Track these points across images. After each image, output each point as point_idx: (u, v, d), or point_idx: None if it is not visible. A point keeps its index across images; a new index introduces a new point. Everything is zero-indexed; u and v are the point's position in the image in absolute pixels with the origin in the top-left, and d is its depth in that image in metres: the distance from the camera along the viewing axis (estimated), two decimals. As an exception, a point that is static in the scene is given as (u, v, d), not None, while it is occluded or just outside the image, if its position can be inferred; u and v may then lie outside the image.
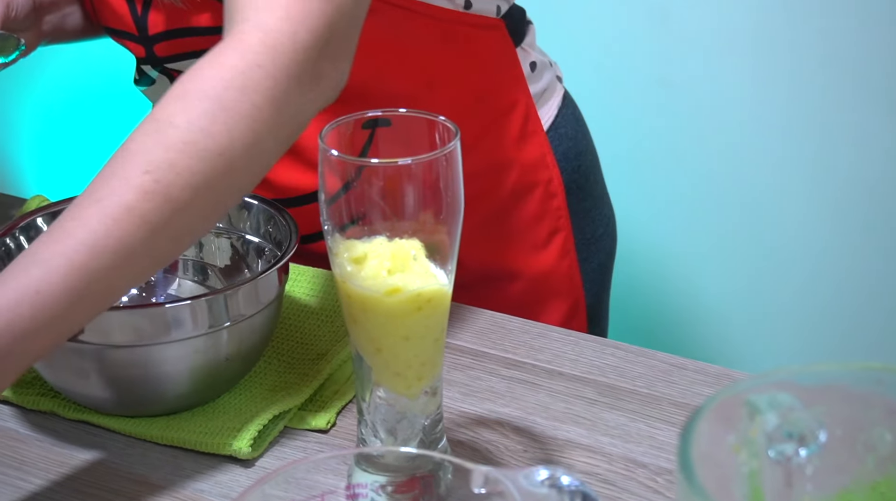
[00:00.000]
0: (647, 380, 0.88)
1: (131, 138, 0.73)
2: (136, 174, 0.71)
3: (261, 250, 0.90)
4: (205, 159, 0.72)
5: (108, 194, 0.71)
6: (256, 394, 0.85)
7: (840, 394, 0.51)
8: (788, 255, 1.69)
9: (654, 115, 1.69)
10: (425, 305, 0.72)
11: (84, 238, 0.70)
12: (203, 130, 0.72)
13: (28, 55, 1.00)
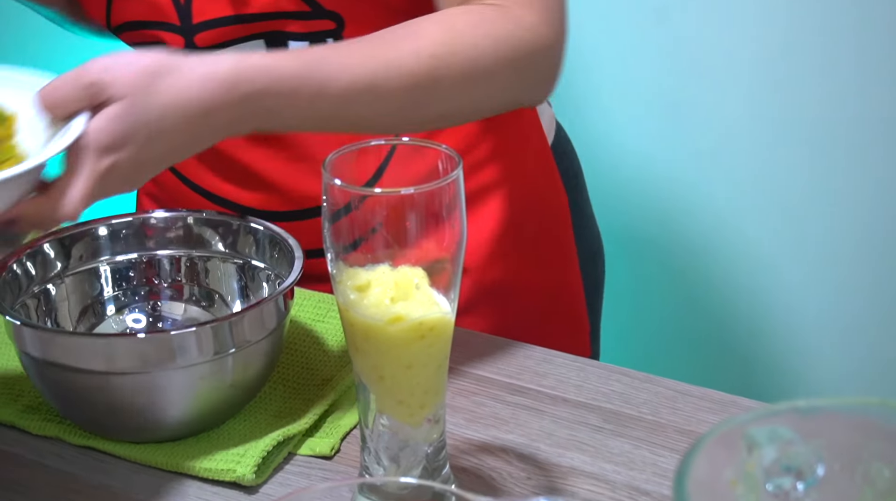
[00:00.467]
0: (652, 407, 0.88)
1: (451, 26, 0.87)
2: (427, 53, 0.86)
3: (266, 275, 0.90)
4: (467, 69, 0.87)
5: (395, 53, 0.85)
6: (261, 420, 0.85)
7: (839, 428, 0.51)
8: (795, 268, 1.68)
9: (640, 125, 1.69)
10: (428, 333, 0.72)
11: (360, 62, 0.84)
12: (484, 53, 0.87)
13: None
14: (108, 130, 0.76)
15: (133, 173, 0.79)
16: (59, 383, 0.81)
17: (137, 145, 0.77)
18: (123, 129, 0.76)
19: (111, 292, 0.92)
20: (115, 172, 0.77)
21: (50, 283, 0.89)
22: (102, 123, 0.76)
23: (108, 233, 0.91)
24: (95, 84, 0.76)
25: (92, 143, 0.76)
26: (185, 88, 0.78)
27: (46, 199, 0.76)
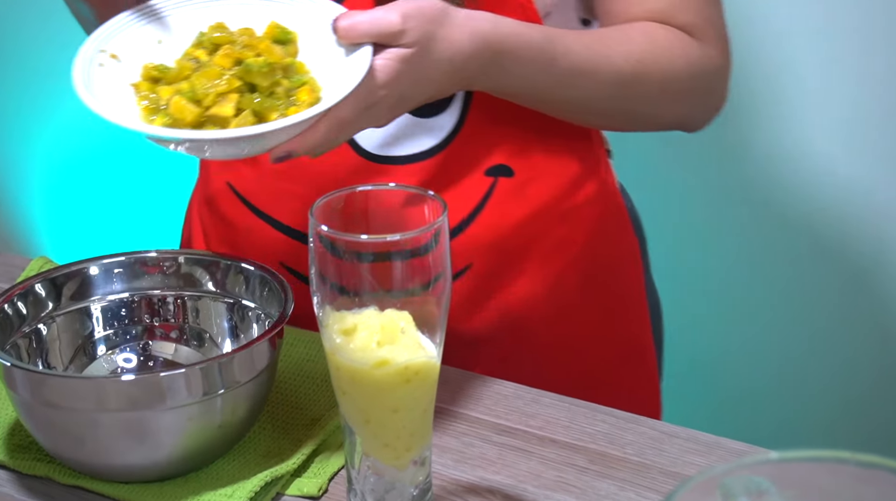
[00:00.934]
0: (638, 448, 0.88)
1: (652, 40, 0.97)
2: (634, 57, 0.96)
3: (257, 315, 0.91)
4: (662, 78, 0.97)
5: (609, 50, 0.95)
6: (250, 460, 0.86)
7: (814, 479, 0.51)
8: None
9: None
10: (413, 377, 0.72)
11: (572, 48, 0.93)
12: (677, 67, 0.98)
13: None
14: (392, 70, 0.82)
15: (388, 112, 0.84)
16: (49, 423, 0.81)
17: (408, 86, 0.84)
18: (404, 71, 0.82)
19: (102, 331, 0.92)
20: (378, 106, 0.83)
21: (41, 322, 0.90)
22: (391, 62, 0.82)
23: (100, 272, 0.92)
24: (395, 29, 0.82)
25: (371, 79, 0.81)
26: (458, 41, 0.86)
27: (316, 130, 0.80)
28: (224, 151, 0.81)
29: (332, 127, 0.80)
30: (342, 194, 0.74)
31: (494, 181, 1.01)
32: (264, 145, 0.79)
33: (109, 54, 0.83)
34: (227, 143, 0.78)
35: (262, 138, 0.78)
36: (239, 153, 0.82)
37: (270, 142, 0.79)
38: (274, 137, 0.78)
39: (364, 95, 0.81)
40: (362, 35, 0.81)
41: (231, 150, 0.80)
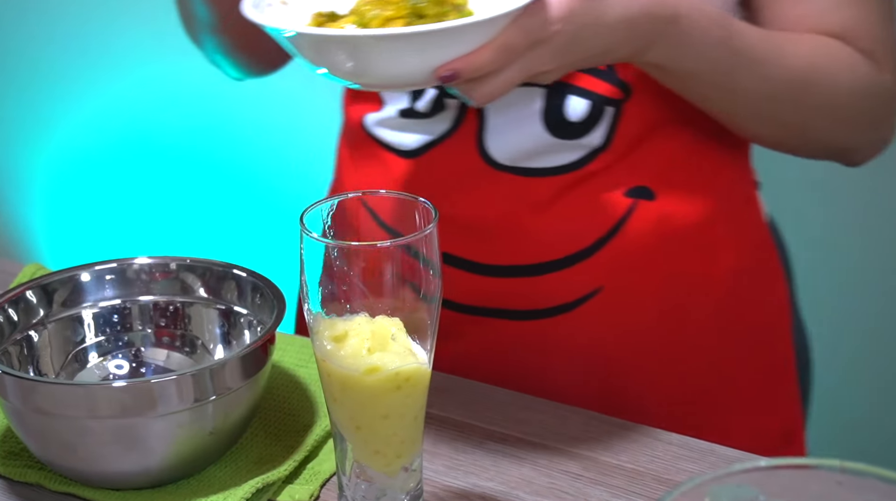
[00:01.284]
0: (631, 455, 0.88)
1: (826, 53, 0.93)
2: (807, 60, 0.92)
3: (249, 321, 0.91)
4: (829, 90, 0.93)
5: (784, 48, 0.92)
6: (241, 467, 0.85)
7: (802, 487, 0.51)
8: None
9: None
10: (404, 383, 0.72)
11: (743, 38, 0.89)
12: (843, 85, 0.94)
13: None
14: (564, 3, 0.78)
15: (558, 55, 0.80)
16: (40, 430, 0.81)
17: (579, 26, 0.79)
18: (576, 6, 0.79)
19: (94, 338, 0.92)
20: (548, 45, 0.79)
21: (32, 329, 0.89)
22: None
23: (91, 279, 0.92)
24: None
25: (542, 9, 0.78)
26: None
27: (484, 50, 0.77)
28: (388, 64, 0.76)
29: (499, 52, 0.76)
30: (333, 200, 0.74)
31: (634, 203, 0.98)
32: (431, 57, 0.75)
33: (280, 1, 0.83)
34: (391, 48, 0.75)
35: (428, 42, 0.74)
36: (403, 72, 0.77)
37: (437, 51, 0.75)
38: (440, 42, 0.75)
39: (535, 25, 0.77)
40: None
41: (395, 60, 0.76)
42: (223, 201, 2.23)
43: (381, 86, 0.83)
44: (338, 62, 0.77)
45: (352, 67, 0.77)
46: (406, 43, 0.75)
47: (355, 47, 0.76)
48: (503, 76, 0.78)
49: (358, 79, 0.79)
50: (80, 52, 2.25)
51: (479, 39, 0.76)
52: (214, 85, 2.16)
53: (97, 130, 2.30)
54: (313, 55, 0.78)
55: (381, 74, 0.78)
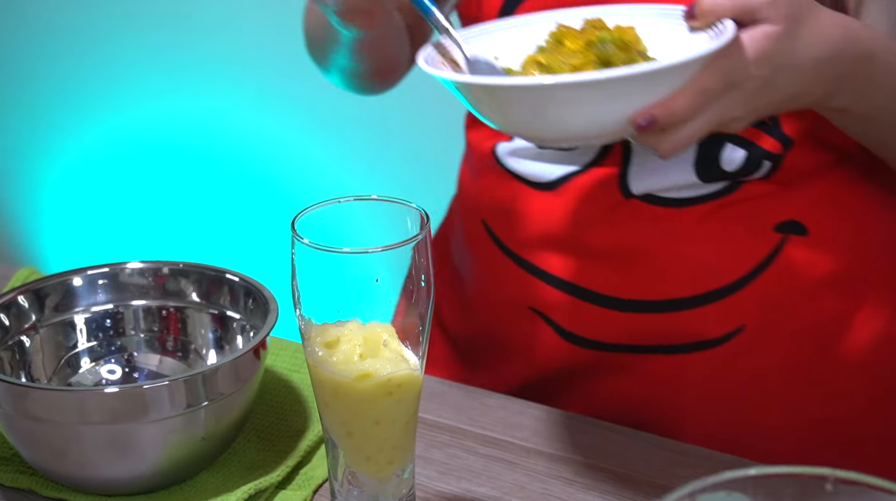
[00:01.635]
0: (625, 460, 0.88)
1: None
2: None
3: (241, 326, 0.91)
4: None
5: None
6: (234, 472, 0.85)
7: (793, 497, 0.51)
8: None
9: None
10: (396, 390, 0.72)
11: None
12: None
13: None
14: (759, 45, 0.75)
15: (751, 100, 0.77)
16: (32, 436, 0.81)
17: (772, 69, 0.77)
18: (771, 48, 0.76)
19: (86, 343, 0.92)
20: (742, 89, 0.76)
21: (24, 334, 0.89)
22: (759, 37, 0.76)
23: (84, 283, 0.92)
24: (760, 6, 0.76)
25: (737, 51, 0.75)
26: (826, 29, 0.79)
27: (681, 94, 0.73)
28: (582, 114, 0.72)
29: (696, 96, 0.73)
30: (324, 205, 0.74)
31: (784, 239, 0.93)
32: (627, 103, 0.71)
33: (449, 59, 0.80)
34: (591, 94, 0.70)
35: (629, 87, 0.70)
36: (594, 121, 0.73)
37: (635, 96, 0.71)
38: (640, 87, 0.71)
39: (730, 68, 0.74)
40: (729, 6, 0.75)
41: (590, 108, 0.71)
42: (216, 205, 2.23)
43: (565, 139, 0.77)
44: (524, 113, 0.73)
45: (540, 119, 0.72)
46: (608, 88, 0.70)
47: (550, 96, 0.70)
48: (695, 124, 0.74)
49: (544, 132, 0.74)
50: (78, 58, 2.25)
51: (676, 84, 0.72)
52: (210, 90, 2.16)
53: (92, 134, 2.29)
54: (499, 107, 0.73)
55: (571, 125, 0.73)
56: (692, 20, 0.77)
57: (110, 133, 2.27)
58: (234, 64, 2.09)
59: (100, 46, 2.22)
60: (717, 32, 0.75)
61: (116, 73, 2.21)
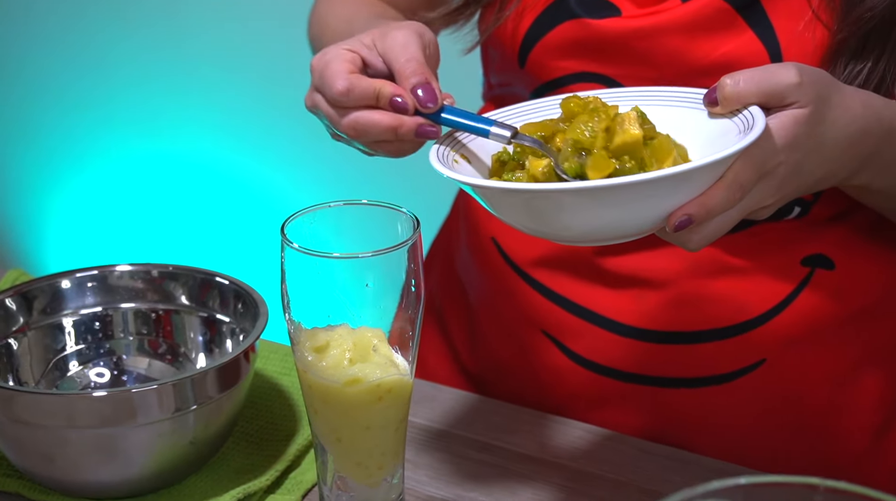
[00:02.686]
0: (615, 466, 0.87)
1: None
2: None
3: (231, 329, 0.90)
4: None
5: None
6: (222, 476, 0.85)
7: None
8: None
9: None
10: (386, 395, 0.72)
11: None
12: None
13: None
14: (788, 132, 0.73)
15: (782, 187, 0.75)
16: (19, 439, 0.80)
17: (802, 153, 0.74)
18: (801, 132, 0.74)
19: (74, 346, 0.91)
20: (773, 177, 0.73)
21: (12, 337, 0.89)
22: (787, 123, 0.73)
23: (72, 286, 0.91)
24: (792, 81, 0.73)
25: (768, 139, 0.72)
26: (852, 109, 0.77)
27: (716, 190, 0.70)
28: (614, 216, 0.68)
29: (731, 190, 0.70)
30: (314, 209, 0.73)
31: (811, 272, 0.92)
32: (661, 204, 0.68)
33: (460, 155, 0.76)
34: (613, 199, 0.67)
35: (664, 187, 0.67)
36: (627, 222, 0.69)
37: (669, 197, 0.68)
38: (675, 186, 0.68)
39: (763, 158, 0.71)
40: (755, 91, 0.72)
41: (624, 210, 0.68)
42: (206, 208, 2.22)
43: (594, 240, 0.73)
44: (553, 216, 0.69)
45: (570, 222, 0.69)
46: (646, 190, 0.67)
47: (588, 199, 0.67)
48: (727, 217, 0.71)
49: (574, 232, 0.70)
50: (70, 56, 2.24)
51: (710, 180, 0.69)
52: (202, 93, 2.16)
53: (83, 137, 2.29)
54: (526, 211, 0.70)
55: (605, 227, 0.69)
56: (713, 107, 0.74)
57: (101, 136, 2.27)
58: (225, 67, 2.09)
59: (90, 46, 2.21)
60: (743, 120, 0.72)
61: (108, 74, 2.21)
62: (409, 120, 0.76)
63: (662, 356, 0.93)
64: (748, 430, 0.94)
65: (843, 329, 0.93)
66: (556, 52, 0.91)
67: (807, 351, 0.92)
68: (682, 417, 0.93)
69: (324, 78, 0.77)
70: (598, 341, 0.94)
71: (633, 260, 0.93)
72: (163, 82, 2.15)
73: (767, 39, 0.86)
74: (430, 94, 0.76)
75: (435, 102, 0.75)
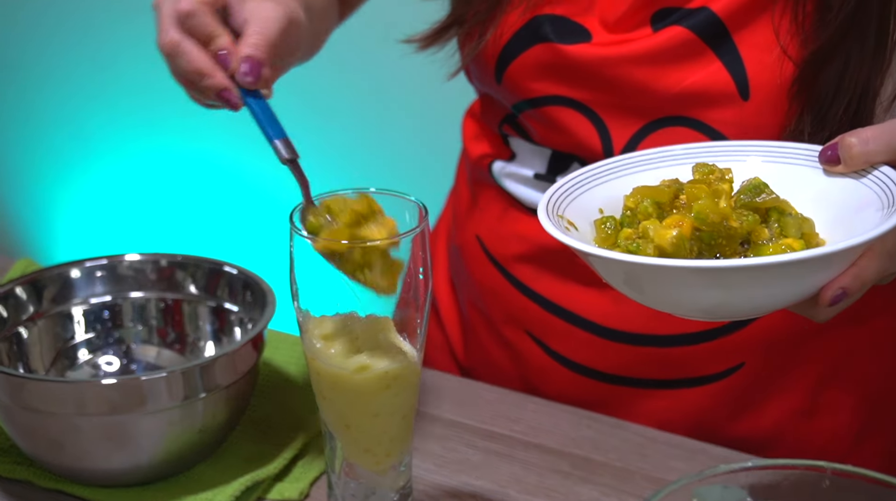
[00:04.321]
0: (621, 453, 0.88)
1: None
2: None
3: (239, 318, 0.91)
4: None
5: None
6: (231, 464, 0.85)
7: (790, 489, 0.51)
8: None
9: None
10: (393, 382, 0.72)
11: None
12: None
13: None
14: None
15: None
16: (29, 427, 0.81)
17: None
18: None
19: (84, 335, 0.92)
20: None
21: (22, 326, 0.89)
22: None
23: (81, 275, 0.92)
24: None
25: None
26: None
27: (868, 260, 0.67)
28: (763, 293, 0.65)
29: (883, 260, 0.67)
30: (323, 198, 0.73)
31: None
32: (813, 281, 0.65)
33: (567, 222, 0.72)
34: (749, 279, 0.63)
35: (821, 265, 0.64)
36: (773, 299, 0.66)
37: (823, 273, 0.65)
38: (831, 263, 0.64)
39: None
40: (883, 149, 0.69)
41: (772, 288, 0.65)
42: (214, 198, 2.22)
43: (737, 316, 0.70)
44: (699, 294, 0.65)
45: (718, 299, 0.65)
46: (801, 268, 0.63)
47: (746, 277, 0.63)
48: (881, 280, 0.69)
49: (716, 310, 0.67)
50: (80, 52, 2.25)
51: (859, 254, 0.66)
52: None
53: (91, 128, 2.29)
54: (673, 287, 0.65)
55: (749, 304, 0.66)
56: (832, 165, 0.70)
57: (111, 129, 2.27)
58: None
59: (101, 42, 2.21)
60: (880, 184, 0.68)
61: (118, 69, 2.21)
62: (220, 77, 0.76)
63: (642, 359, 0.93)
64: (727, 433, 0.94)
65: (823, 334, 0.93)
66: (530, 73, 0.91)
67: (786, 355, 0.92)
68: (663, 419, 0.94)
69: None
70: (579, 342, 0.94)
71: None
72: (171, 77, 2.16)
73: (735, 70, 0.85)
74: (254, 70, 0.76)
75: (254, 79, 0.76)
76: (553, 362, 0.95)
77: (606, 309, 0.93)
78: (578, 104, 0.90)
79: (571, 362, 0.94)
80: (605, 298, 0.93)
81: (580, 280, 0.94)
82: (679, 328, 0.92)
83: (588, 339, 0.94)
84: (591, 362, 0.94)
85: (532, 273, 0.96)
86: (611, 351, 0.93)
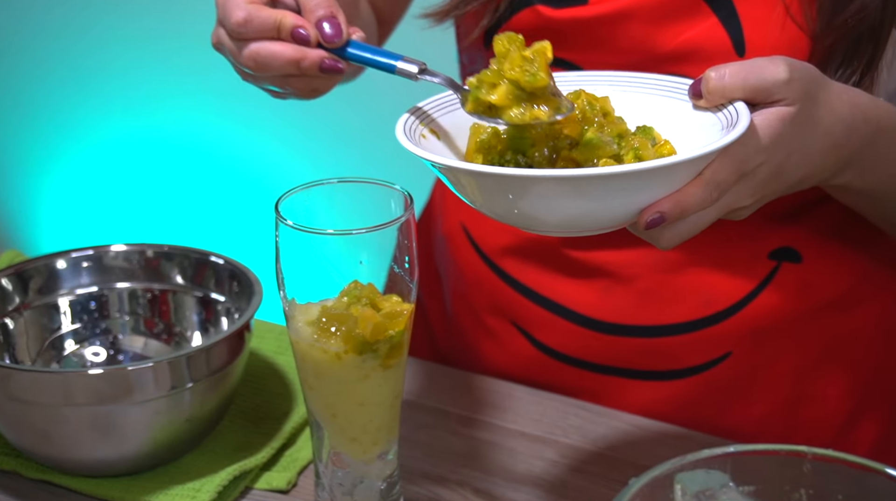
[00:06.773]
0: (609, 442, 0.88)
1: None
2: None
3: (226, 308, 0.91)
4: None
5: None
6: (219, 454, 0.85)
7: (772, 474, 0.51)
8: None
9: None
10: (375, 371, 0.72)
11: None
12: None
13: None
14: (773, 130, 0.70)
15: (760, 188, 0.71)
16: (16, 417, 0.81)
17: (785, 154, 0.71)
18: (786, 132, 0.70)
19: (70, 325, 0.92)
20: (753, 178, 0.70)
21: (8, 317, 0.89)
22: (772, 121, 0.70)
23: (67, 266, 0.91)
24: (780, 78, 0.70)
25: (751, 138, 0.69)
26: (839, 109, 0.74)
27: (692, 187, 0.67)
28: (585, 207, 0.66)
29: (709, 189, 0.67)
30: (308, 187, 0.74)
31: (777, 266, 0.91)
32: (633, 199, 0.66)
33: (429, 130, 0.74)
34: (600, 187, 0.65)
35: (634, 182, 0.65)
36: (596, 215, 0.67)
37: (643, 192, 0.66)
38: (648, 182, 0.65)
39: (744, 157, 0.68)
40: (740, 86, 0.70)
41: (596, 202, 0.66)
42: (200, 188, 2.22)
43: (564, 230, 0.72)
44: (523, 203, 0.66)
45: (538, 210, 0.67)
46: (619, 183, 0.65)
47: (562, 187, 0.65)
48: (702, 217, 0.69)
49: (541, 222, 0.68)
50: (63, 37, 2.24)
51: (687, 177, 0.66)
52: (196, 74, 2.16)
53: (79, 120, 2.29)
54: (496, 195, 0.67)
55: (574, 218, 0.67)
56: (697, 99, 0.72)
57: (94, 117, 2.27)
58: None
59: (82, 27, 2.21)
60: (727, 116, 0.70)
61: (100, 54, 2.21)
62: (312, 53, 0.74)
63: (629, 349, 0.93)
64: (715, 423, 0.94)
65: (810, 322, 0.93)
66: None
67: (773, 344, 0.92)
68: (650, 410, 0.94)
69: (225, 9, 0.75)
70: (565, 332, 0.94)
71: (600, 253, 0.92)
72: (155, 63, 2.15)
73: (731, 26, 0.84)
74: (335, 27, 0.74)
75: (340, 37, 0.74)
76: (539, 352, 0.95)
77: (592, 300, 0.93)
78: (569, 64, 0.90)
79: (557, 352, 0.95)
80: (592, 289, 0.93)
81: (566, 271, 0.94)
82: (666, 318, 0.92)
83: (574, 330, 0.94)
84: (577, 353, 0.94)
85: (518, 264, 0.96)
86: (597, 342, 0.93)
